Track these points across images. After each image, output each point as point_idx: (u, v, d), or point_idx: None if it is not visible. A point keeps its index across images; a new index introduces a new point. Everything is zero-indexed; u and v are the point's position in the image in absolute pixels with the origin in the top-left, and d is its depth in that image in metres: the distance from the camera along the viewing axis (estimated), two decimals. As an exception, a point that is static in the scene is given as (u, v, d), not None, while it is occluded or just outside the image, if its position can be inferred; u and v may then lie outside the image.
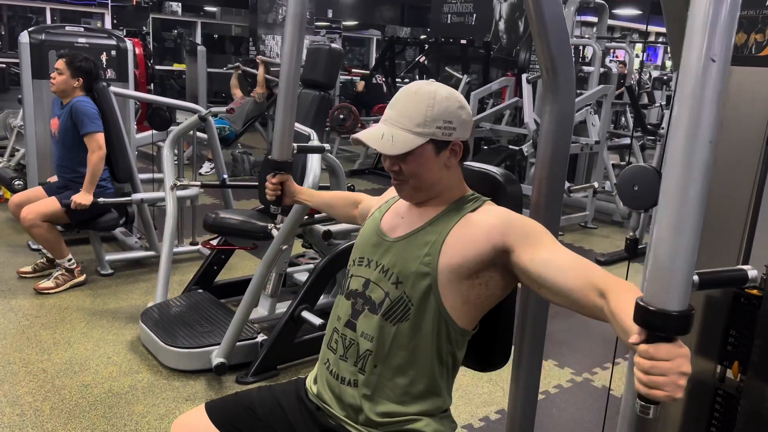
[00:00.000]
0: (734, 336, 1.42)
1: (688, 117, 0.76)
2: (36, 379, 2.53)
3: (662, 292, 0.79)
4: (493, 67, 7.28)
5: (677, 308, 0.78)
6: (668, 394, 0.79)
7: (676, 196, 0.78)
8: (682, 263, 0.78)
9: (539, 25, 1.33)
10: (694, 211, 0.78)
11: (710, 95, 0.75)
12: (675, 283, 0.79)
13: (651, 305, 0.79)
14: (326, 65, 2.99)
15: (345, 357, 1.29)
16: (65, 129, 3.34)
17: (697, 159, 0.76)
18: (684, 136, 0.76)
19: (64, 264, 3.38)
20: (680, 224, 0.78)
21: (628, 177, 1.49)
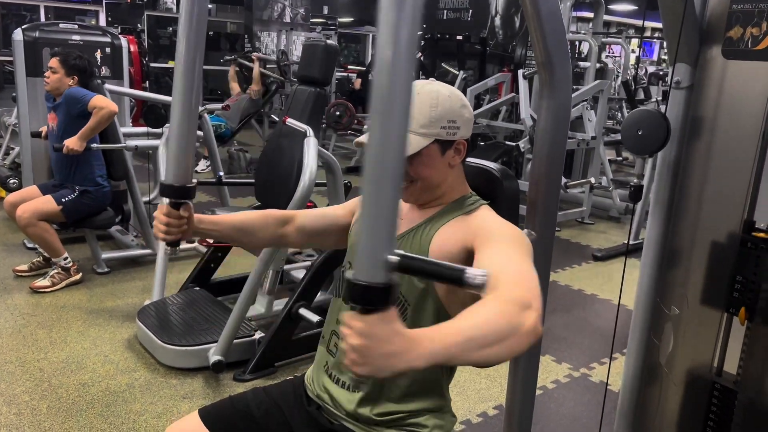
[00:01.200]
0: (741, 282, 1.41)
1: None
2: (33, 378, 2.52)
3: (359, 265, 0.80)
4: (490, 63, 7.28)
5: (367, 279, 0.78)
6: (347, 364, 0.81)
7: (373, 182, 0.79)
8: (373, 242, 0.79)
9: (536, 21, 1.33)
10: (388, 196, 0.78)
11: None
12: (366, 258, 0.79)
13: (352, 277, 0.80)
14: (322, 62, 2.98)
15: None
16: (65, 121, 3.31)
17: (390, 149, 0.77)
18: (379, 127, 0.77)
19: (60, 263, 3.37)
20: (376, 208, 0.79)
21: (632, 121, 1.47)
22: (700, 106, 1.49)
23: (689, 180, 1.52)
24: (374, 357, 0.79)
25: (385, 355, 0.80)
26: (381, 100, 0.76)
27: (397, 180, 0.78)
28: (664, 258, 1.60)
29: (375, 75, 0.76)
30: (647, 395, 1.67)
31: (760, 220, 1.40)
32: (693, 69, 1.49)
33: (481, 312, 0.90)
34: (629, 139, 1.48)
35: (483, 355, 0.87)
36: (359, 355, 0.79)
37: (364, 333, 0.79)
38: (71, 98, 3.28)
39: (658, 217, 1.59)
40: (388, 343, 0.80)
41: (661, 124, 1.43)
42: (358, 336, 0.79)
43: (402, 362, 0.81)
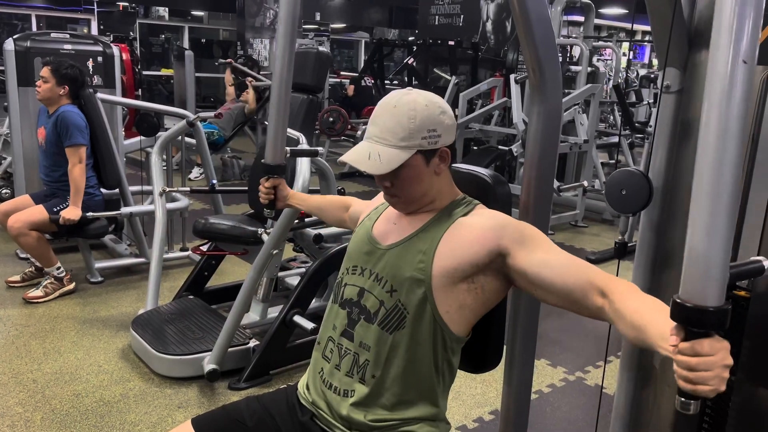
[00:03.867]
0: (722, 337, 1.42)
1: (718, 118, 0.79)
2: (26, 389, 2.50)
3: (699, 289, 0.81)
4: (482, 68, 7.31)
5: (714, 304, 0.80)
6: (713, 388, 0.81)
7: (710, 196, 0.80)
8: (717, 260, 0.80)
9: (525, 26, 1.33)
10: (727, 209, 0.80)
11: (740, 95, 0.79)
12: (711, 279, 0.81)
13: (689, 302, 0.81)
14: (314, 68, 2.99)
15: (339, 366, 1.28)
16: (52, 139, 3.31)
17: (728, 158, 0.79)
18: (715, 135, 0.79)
19: (52, 272, 3.36)
20: (714, 222, 0.80)
21: (615, 181, 1.50)
22: (689, 110, 1.50)
23: (679, 187, 1.53)
24: (728, 370, 0.82)
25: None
26: None
27: (734, 193, 0.79)
28: (658, 260, 1.60)
29: None
30: (642, 398, 1.67)
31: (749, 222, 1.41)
32: (682, 73, 1.49)
33: (636, 298, 1.00)
34: (614, 200, 1.52)
35: None
36: (726, 373, 0.82)
37: (729, 350, 0.82)
38: (63, 122, 3.25)
39: (650, 223, 1.60)
40: (730, 355, 0.83)
41: (644, 184, 1.47)
42: (729, 355, 0.82)
43: None
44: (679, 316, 0.82)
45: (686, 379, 0.82)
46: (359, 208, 1.55)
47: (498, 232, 1.19)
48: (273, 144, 1.78)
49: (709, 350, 0.80)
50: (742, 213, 1.42)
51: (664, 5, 1.40)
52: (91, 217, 3.33)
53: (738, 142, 0.79)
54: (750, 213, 1.42)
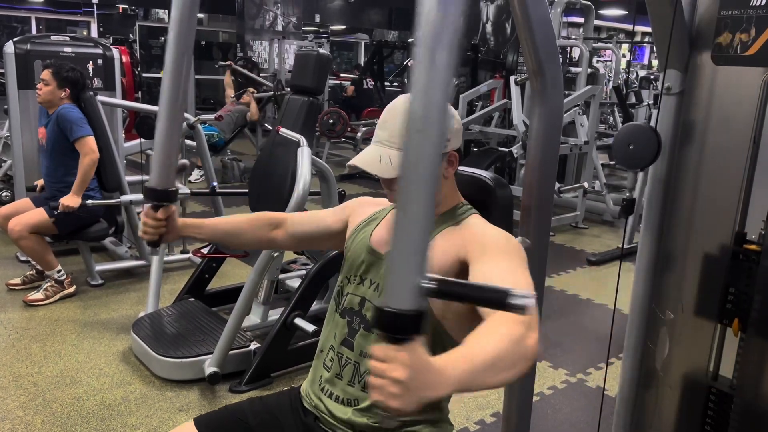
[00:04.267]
0: (733, 293, 1.42)
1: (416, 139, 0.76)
2: (27, 392, 2.50)
3: (389, 292, 0.76)
4: (482, 70, 7.31)
5: (399, 307, 0.75)
6: (382, 399, 0.76)
7: (406, 205, 0.77)
8: (405, 268, 0.77)
9: (526, 28, 1.33)
10: (421, 218, 0.77)
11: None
12: (398, 284, 0.76)
13: (382, 305, 0.76)
14: (314, 71, 2.98)
15: (340, 376, 1.28)
16: (53, 138, 3.31)
17: (422, 173, 0.76)
18: (412, 151, 0.76)
19: (53, 275, 3.35)
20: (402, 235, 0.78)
21: (623, 136, 1.48)
22: (690, 112, 1.50)
23: (681, 189, 1.53)
24: (412, 389, 0.76)
25: (422, 386, 0.76)
26: (414, 124, 0.74)
27: (429, 202, 0.75)
28: (659, 263, 1.60)
29: (411, 98, 0.74)
30: (644, 400, 1.67)
31: (751, 230, 1.41)
32: (683, 75, 1.49)
33: (494, 336, 0.90)
34: (621, 154, 1.49)
35: (499, 379, 0.88)
36: (401, 388, 0.75)
37: (406, 364, 0.75)
38: (63, 120, 3.26)
39: (651, 225, 1.60)
40: (425, 374, 0.77)
41: (652, 138, 1.44)
42: (401, 368, 0.75)
43: (433, 393, 0.78)
44: (375, 321, 0.78)
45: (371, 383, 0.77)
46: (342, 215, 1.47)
47: (469, 240, 1.18)
48: (161, 162, 1.34)
49: (381, 355, 0.76)
50: (744, 214, 1.42)
51: (665, 7, 1.40)
52: (90, 205, 3.32)
53: (431, 157, 0.75)
54: (752, 214, 1.41)
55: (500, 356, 0.87)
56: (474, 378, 0.84)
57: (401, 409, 0.76)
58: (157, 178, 1.34)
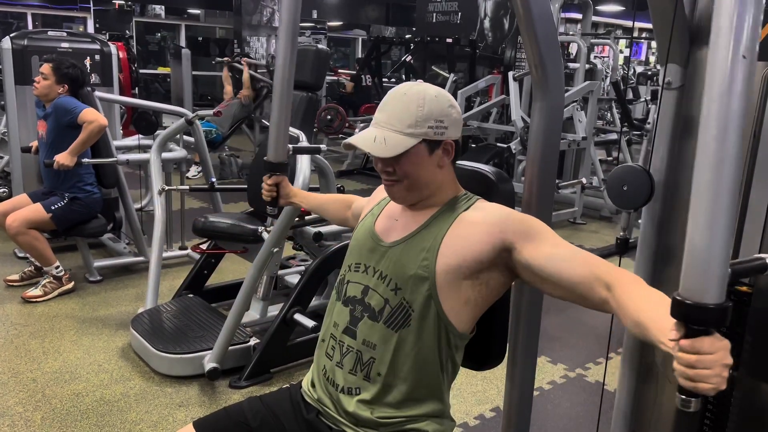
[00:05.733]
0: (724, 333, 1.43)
1: (717, 113, 0.79)
2: (26, 389, 2.50)
3: (699, 286, 0.80)
4: (480, 65, 7.31)
5: (714, 301, 0.80)
6: (713, 386, 0.80)
7: (710, 192, 0.79)
8: (718, 257, 0.80)
9: (527, 23, 1.33)
10: (728, 205, 0.79)
11: (740, 90, 0.79)
12: (711, 277, 0.80)
13: (689, 299, 0.81)
14: (313, 66, 2.98)
15: (341, 364, 1.28)
16: (53, 129, 3.30)
17: (728, 155, 0.78)
18: (715, 131, 0.78)
19: (51, 272, 3.35)
20: (714, 219, 0.80)
21: (617, 177, 1.50)
22: (691, 107, 1.50)
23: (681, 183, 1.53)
24: (727, 369, 0.82)
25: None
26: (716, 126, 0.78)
27: (734, 191, 0.78)
28: (658, 256, 1.60)
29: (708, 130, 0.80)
30: (643, 394, 1.67)
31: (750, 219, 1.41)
32: (684, 69, 1.49)
33: (639, 292, 0.99)
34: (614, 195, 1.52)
35: None
36: (725, 371, 0.81)
37: (728, 348, 0.81)
38: (61, 108, 3.26)
39: (651, 218, 1.60)
40: (729, 354, 0.82)
41: (645, 180, 1.47)
42: (728, 354, 0.81)
43: None
44: (679, 314, 0.82)
45: (686, 377, 0.81)
46: (360, 204, 1.55)
47: (502, 226, 1.19)
48: (275, 141, 1.76)
49: (709, 348, 0.80)
50: (743, 210, 1.42)
51: (666, 1, 1.40)
52: (86, 163, 3.34)
53: (737, 138, 0.78)
54: (752, 210, 1.42)
55: None
56: None
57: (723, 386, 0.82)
58: (273, 153, 1.74)
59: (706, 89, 0.82)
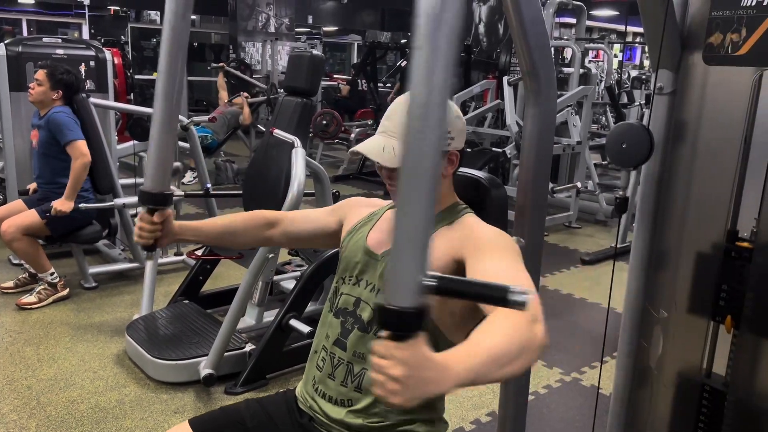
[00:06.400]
0: (726, 290, 1.43)
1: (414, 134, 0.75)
2: (21, 396, 2.49)
3: (390, 289, 0.77)
4: (474, 70, 7.33)
5: (400, 304, 0.76)
6: (383, 395, 0.78)
7: (407, 208, 0.77)
8: (407, 265, 0.77)
9: (520, 30, 1.34)
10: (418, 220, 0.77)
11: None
12: (399, 281, 0.77)
13: (384, 302, 0.78)
14: (308, 72, 2.98)
15: (333, 376, 1.28)
16: (45, 141, 3.30)
17: (422, 175, 0.75)
18: (414, 149, 0.76)
19: (46, 278, 3.34)
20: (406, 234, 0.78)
21: (616, 135, 1.50)
22: (682, 112, 1.51)
23: (673, 188, 1.54)
24: (412, 386, 0.77)
25: (422, 382, 0.78)
26: (415, 121, 0.74)
27: (429, 201, 0.76)
28: (652, 262, 1.61)
29: (410, 97, 0.74)
30: (638, 398, 1.68)
31: (743, 228, 1.42)
32: (675, 75, 1.51)
33: (497, 330, 0.91)
34: (614, 153, 1.50)
35: (503, 373, 0.89)
36: (400, 385, 0.77)
37: (405, 362, 0.77)
38: (54, 124, 3.24)
39: (644, 224, 1.61)
40: (425, 370, 0.78)
41: (644, 137, 1.45)
42: (399, 366, 0.77)
43: (434, 388, 0.80)
44: (377, 318, 0.79)
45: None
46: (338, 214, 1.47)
47: (463, 239, 1.18)
48: (155, 166, 1.32)
49: (382, 351, 0.77)
50: (736, 212, 1.43)
51: (657, 8, 1.41)
52: (83, 209, 3.31)
53: (429, 159, 0.75)
54: (744, 212, 1.43)
55: (504, 349, 0.88)
56: (478, 372, 0.85)
57: (402, 405, 0.78)
58: (152, 182, 1.32)
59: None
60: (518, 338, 0.90)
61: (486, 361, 0.86)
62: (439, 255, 1.18)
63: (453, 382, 0.82)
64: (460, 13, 0.73)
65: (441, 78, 0.73)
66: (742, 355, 1.42)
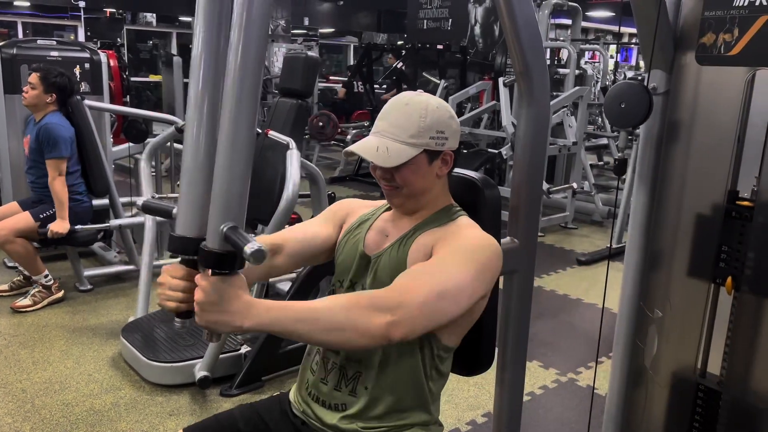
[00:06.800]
0: (726, 251, 1.42)
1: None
2: (15, 399, 2.48)
3: (209, 233, 0.96)
4: (470, 72, 7.33)
5: (212, 247, 0.94)
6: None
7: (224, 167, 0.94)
8: (218, 213, 0.95)
9: (512, 32, 1.34)
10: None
11: None
12: (213, 227, 0.95)
13: (203, 245, 0.97)
14: (303, 74, 2.99)
15: (326, 380, 1.27)
16: (33, 148, 3.29)
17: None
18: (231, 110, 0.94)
19: (40, 281, 3.33)
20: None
21: (615, 94, 1.48)
22: (676, 112, 1.51)
23: (667, 189, 1.54)
24: (213, 312, 0.96)
25: (220, 311, 0.96)
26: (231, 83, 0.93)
27: (246, 161, 0.93)
28: (647, 261, 1.61)
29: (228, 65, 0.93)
30: (634, 398, 1.68)
31: (744, 189, 1.41)
32: (668, 75, 1.51)
33: (328, 300, 1.05)
34: (612, 113, 1.48)
35: (313, 335, 1.03)
36: (200, 308, 0.96)
37: (207, 290, 0.96)
38: (46, 135, 3.21)
39: (639, 224, 1.61)
40: (226, 303, 0.96)
41: (643, 95, 1.43)
42: (202, 292, 0.96)
43: (234, 320, 0.97)
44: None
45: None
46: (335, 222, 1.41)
47: (443, 238, 1.20)
48: (193, 202, 0.98)
49: (198, 281, 0.97)
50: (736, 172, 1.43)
51: (650, 9, 1.41)
52: (80, 230, 3.30)
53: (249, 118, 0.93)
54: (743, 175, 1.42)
55: (321, 314, 1.01)
56: (281, 322, 1.00)
57: (202, 325, 0.98)
58: (188, 223, 0.98)
59: None
60: (342, 314, 1.02)
61: (293, 316, 1.00)
62: (424, 250, 1.20)
63: (252, 321, 0.97)
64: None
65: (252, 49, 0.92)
66: (737, 355, 1.42)
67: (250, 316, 0.97)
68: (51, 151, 3.21)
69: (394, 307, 1.03)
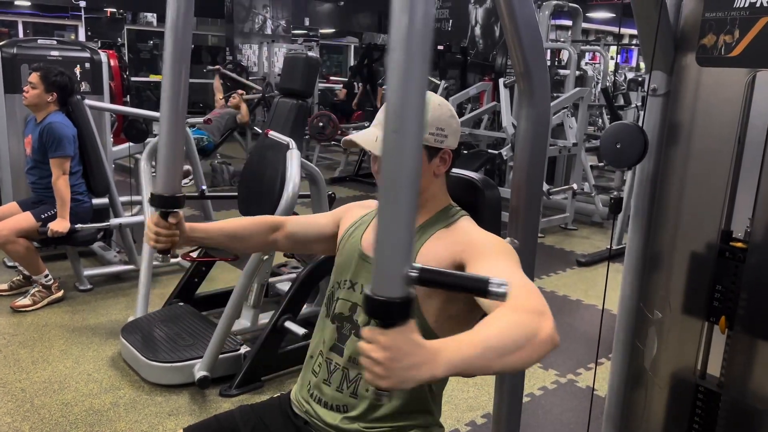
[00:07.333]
0: (720, 291, 1.43)
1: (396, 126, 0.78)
2: (15, 398, 2.47)
3: (377, 280, 0.81)
4: (471, 72, 7.34)
5: (386, 294, 0.79)
6: (370, 378, 0.81)
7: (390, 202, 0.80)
8: (391, 258, 0.81)
9: (513, 32, 1.34)
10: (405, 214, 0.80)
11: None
12: (386, 274, 0.81)
13: (371, 293, 0.81)
14: (303, 74, 2.98)
15: (328, 382, 1.27)
16: (36, 148, 3.28)
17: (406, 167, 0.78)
18: (394, 143, 0.78)
19: (40, 280, 3.33)
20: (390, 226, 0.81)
21: (611, 135, 1.49)
22: (676, 113, 1.51)
23: (667, 190, 1.54)
24: (397, 370, 0.80)
25: (408, 367, 0.80)
26: (395, 114, 0.76)
27: (413, 193, 0.78)
28: (646, 263, 1.61)
29: (388, 89, 0.76)
30: (633, 399, 1.68)
31: (737, 229, 1.42)
32: (669, 76, 1.51)
33: (499, 321, 0.92)
34: (608, 153, 1.50)
35: (502, 363, 0.89)
36: (383, 368, 0.80)
37: (388, 347, 0.79)
38: (48, 134, 3.22)
39: (639, 225, 1.61)
40: (411, 355, 0.80)
41: (639, 137, 1.45)
42: (381, 350, 0.79)
43: (424, 373, 0.82)
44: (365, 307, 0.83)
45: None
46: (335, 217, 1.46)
47: (464, 245, 1.18)
48: (166, 170, 1.32)
49: (367, 337, 0.81)
50: (730, 213, 1.43)
51: (650, 10, 1.41)
52: (80, 230, 3.30)
53: (416, 149, 0.78)
54: (737, 212, 1.43)
55: (504, 340, 0.89)
56: (471, 360, 0.86)
57: (390, 389, 0.81)
58: (164, 185, 1.31)
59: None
60: (521, 330, 0.90)
61: (481, 349, 0.87)
62: (439, 258, 1.19)
63: (443, 367, 0.83)
64: (430, 12, 0.75)
65: (417, 75, 0.75)
66: (737, 356, 1.42)
67: (438, 364, 0.83)
68: (55, 150, 3.22)
69: (543, 309, 0.96)
